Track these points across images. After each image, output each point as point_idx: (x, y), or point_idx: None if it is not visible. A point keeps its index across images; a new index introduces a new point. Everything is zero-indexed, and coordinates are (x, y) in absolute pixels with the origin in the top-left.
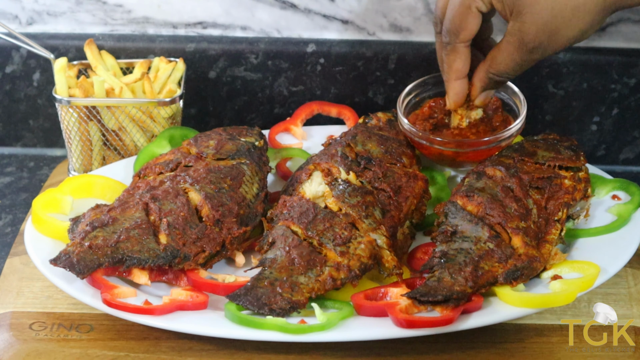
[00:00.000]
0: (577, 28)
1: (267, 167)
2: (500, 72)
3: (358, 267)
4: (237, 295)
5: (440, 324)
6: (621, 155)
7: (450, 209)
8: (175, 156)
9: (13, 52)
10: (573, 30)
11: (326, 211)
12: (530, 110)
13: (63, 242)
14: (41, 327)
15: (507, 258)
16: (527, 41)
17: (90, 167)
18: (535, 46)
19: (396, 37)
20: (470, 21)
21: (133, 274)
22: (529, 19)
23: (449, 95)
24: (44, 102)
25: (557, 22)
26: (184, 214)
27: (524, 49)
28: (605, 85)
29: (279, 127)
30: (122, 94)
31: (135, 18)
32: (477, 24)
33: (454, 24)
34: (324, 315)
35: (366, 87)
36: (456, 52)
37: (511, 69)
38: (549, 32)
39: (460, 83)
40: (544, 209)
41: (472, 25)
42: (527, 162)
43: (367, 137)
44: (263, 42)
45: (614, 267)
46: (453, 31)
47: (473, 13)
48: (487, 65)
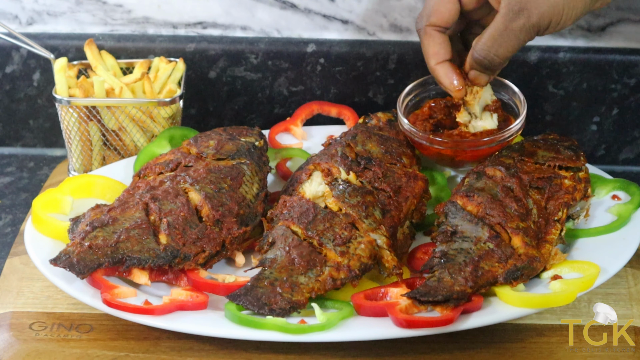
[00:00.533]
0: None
1: (267, 167)
2: (495, 50)
3: (358, 267)
4: (237, 295)
5: (440, 324)
6: (621, 155)
7: (450, 209)
8: (175, 156)
9: (13, 52)
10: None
11: (326, 211)
12: (530, 110)
13: (63, 242)
14: (41, 327)
15: (507, 258)
16: (513, 3)
17: (90, 167)
18: (521, 8)
19: (396, 37)
20: (446, 6)
21: (133, 274)
22: None
23: (441, 82)
24: (44, 102)
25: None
26: (184, 214)
27: (510, 14)
28: (605, 85)
29: (279, 127)
30: (122, 94)
31: (135, 18)
32: (453, 11)
33: (430, 6)
34: (324, 315)
35: (366, 87)
36: (428, 36)
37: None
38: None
39: (442, 66)
40: (544, 209)
41: (448, 11)
42: (527, 162)
43: (367, 137)
44: (263, 42)
45: (614, 267)
46: (427, 14)
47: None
48: (481, 43)
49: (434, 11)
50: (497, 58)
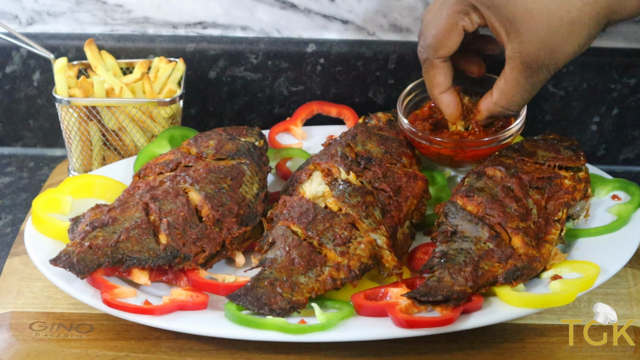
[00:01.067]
0: (575, 42)
1: (267, 167)
2: (510, 104)
3: (358, 267)
4: (237, 295)
5: (440, 324)
6: (621, 155)
7: (450, 209)
8: (175, 156)
9: (13, 52)
10: (572, 45)
11: (326, 211)
12: (530, 110)
13: (63, 242)
14: (41, 327)
15: (507, 258)
16: (530, 62)
17: (90, 167)
18: (539, 66)
19: (396, 37)
20: (452, 39)
21: (133, 274)
22: (527, 38)
23: (442, 110)
24: (44, 102)
25: (556, 38)
26: (184, 214)
27: (528, 71)
28: (605, 85)
29: (279, 127)
30: (122, 94)
31: (135, 18)
32: (458, 42)
33: (437, 39)
34: (324, 315)
35: (366, 87)
36: (435, 67)
37: (520, 97)
38: (549, 49)
39: (447, 95)
40: (544, 209)
41: (453, 43)
42: (527, 162)
43: (367, 137)
44: (263, 42)
45: (614, 267)
46: (433, 47)
47: (458, 31)
48: (495, 98)
49: (441, 45)
50: (517, 107)
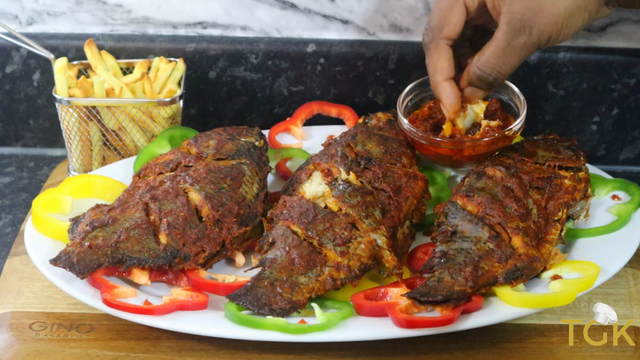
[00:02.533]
0: (561, 5)
1: (267, 167)
2: (490, 68)
3: (358, 267)
4: (237, 295)
5: (440, 324)
6: (621, 155)
7: (450, 209)
8: (175, 156)
9: (13, 52)
10: (557, 7)
11: (326, 211)
12: (530, 110)
13: (63, 242)
14: (41, 327)
15: (507, 258)
16: (514, 22)
17: (90, 167)
18: (522, 26)
19: (396, 37)
20: (455, 15)
21: (133, 274)
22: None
23: (442, 100)
24: (44, 102)
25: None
26: (184, 214)
27: (512, 32)
28: (605, 85)
29: (279, 127)
30: (122, 94)
31: (135, 18)
32: (462, 20)
33: (440, 16)
34: (324, 315)
35: (366, 87)
36: (440, 49)
37: (502, 62)
38: (534, 9)
39: (449, 84)
40: (544, 209)
41: (457, 20)
42: (527, 162)
43: (367, 137)
44: (263, 42)
45: (614, 267)
46: (437, 26)
47: (460, 6)
48: (476, 59)
49: (445, 23)
50: (500, 75)
